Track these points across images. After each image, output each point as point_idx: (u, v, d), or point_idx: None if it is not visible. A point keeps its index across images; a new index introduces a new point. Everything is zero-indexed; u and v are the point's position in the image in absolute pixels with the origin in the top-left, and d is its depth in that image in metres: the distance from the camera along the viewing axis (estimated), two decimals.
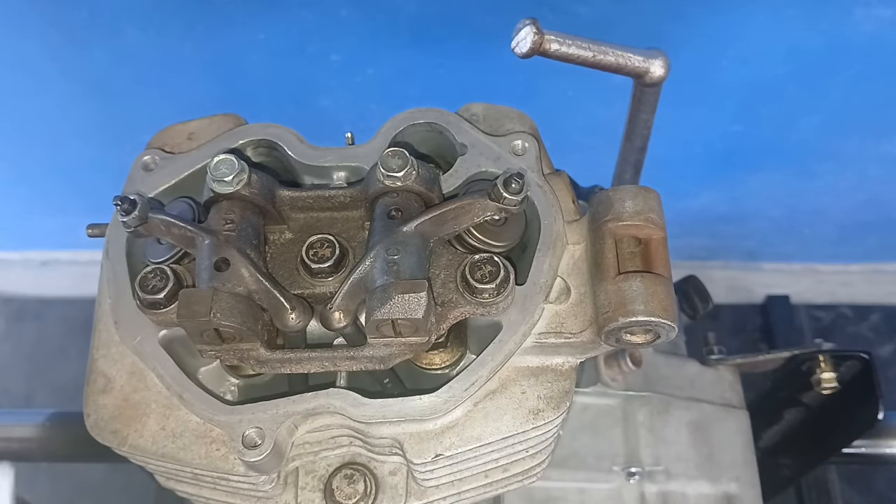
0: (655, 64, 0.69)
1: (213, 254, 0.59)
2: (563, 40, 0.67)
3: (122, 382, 0.63)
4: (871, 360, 1.00)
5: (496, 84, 1.37)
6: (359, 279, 0.59)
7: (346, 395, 0.60)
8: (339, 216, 0.66)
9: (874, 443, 1.07)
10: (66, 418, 1.19)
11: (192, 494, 0.69)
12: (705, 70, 1.37)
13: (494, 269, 0.59)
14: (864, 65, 1.38)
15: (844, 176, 1.69)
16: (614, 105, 0.87)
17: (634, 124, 0.79)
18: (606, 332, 0.59)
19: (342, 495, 0.64)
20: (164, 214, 0.61)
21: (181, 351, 0.65)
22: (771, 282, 2.08)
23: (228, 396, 0.69)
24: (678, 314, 0.63)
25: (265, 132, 0.69)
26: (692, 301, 1.09)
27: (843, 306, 2.13)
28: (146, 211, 0.60)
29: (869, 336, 2.10)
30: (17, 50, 1.39)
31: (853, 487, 1.85)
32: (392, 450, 0.64)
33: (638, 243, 0.61)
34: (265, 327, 0.60)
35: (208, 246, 0.59)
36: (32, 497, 1.33)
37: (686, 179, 1.71)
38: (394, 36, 1.34)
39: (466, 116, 0.70)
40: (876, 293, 2.09)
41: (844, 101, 1.47)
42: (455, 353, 0.68)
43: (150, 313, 0.61)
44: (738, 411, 1.00)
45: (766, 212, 1.84)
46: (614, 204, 0.62)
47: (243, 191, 0.61)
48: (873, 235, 1.91)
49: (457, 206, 0.60)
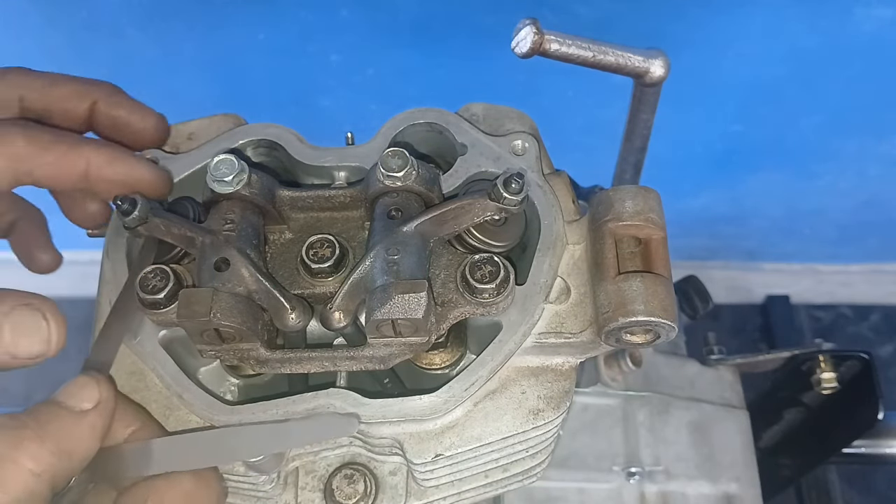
0: (655, 64, 0.69)
1: (213, 254, 0.59)
2: (563, 40, 0.67)
3: (122, 382, 0.63)
4: (871, 360, 1.00)
5: (496, 84, 1.37)
6: (359, 279, 0.59)
7: (346, 395, 0.60)
8: (339, 216, 0.66)
9: (874, 443, 1.07)
10: None
11: None
12: (705, 70, 1.37)
13: (494, 269, 0.59)
14: (864, 65, 1.38)
15: (844, 176, 1.69)
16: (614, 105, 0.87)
17: (634, 124, 0.79)
18: (606, 332, 0.59)
19: (342, 495, 0.64)
20: (163, 214, 0.61)
21: (181, 351, 0.65)
22: (771, 282, 2.08)
23: (228, 396, 0.69)
24: (678, 314, 0.63)
25: (265, 132, 0.69)
26: (692, 301, 1.09)
27: (843, 306, 2.13)
28: (146, 211, 0.60)
29: (869, 336, 2.10)
30: (17, 50, 1.39)
31: (853, 487, 1.85)
32: (392, 450, 0.64)
33: (638, 243, 0.61)
34: (265, 327, 0.60)
35: (208, 246, 0.59)
36: None
37: (686, 179, 1.71)
38: (394, 36, 1.34)
39: (466, 116, 0.70)
40: (876, 293, 2.09)
41: (844, 101, 1.47)
42: (455, 353, 0.68)
43: (150, 313, 0.61)
44: (738, 411, 1.00)
45: (766, 212, 1.84)
46: (614, 204, 0.62)
47: (243, 191, 0.61)
48: (873, 235, 1.91)
49: (457, 206, 0.60)
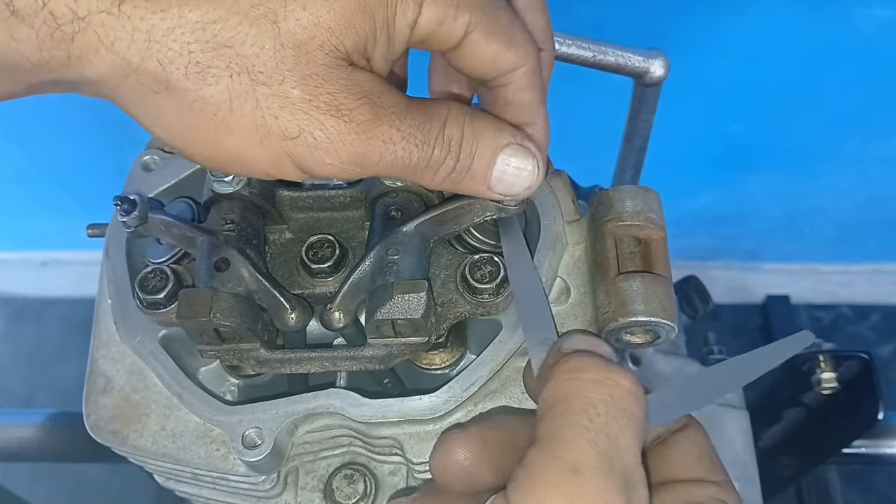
0: (655, 64, 0.69)
1: (212, 254, 0.59)
2: (563, 40, 0.67)
3: (122, 382, 0.63)
4: (871, 360, 1.00)
5: None
6: (359, 279, 0.59)
7: (345, 395, 0.60)
8: (339, 216, 0.66)
9: (874, 443, 1.07)
10: (66, 418, 1.19)
11: (191, 494, 0.69)
12: (705, 70, 1.37)
13: (494, 269, 0.59)
14: (864, 65, 1.38)
15: (844, 176, 1.69)
16: (614, 105, 0.87)
17: (634, 124, 0.79)
18: (606, 333, 0.59)
19: (342, 495, 0.64)
20: (163, 214, 0.61)
21: (181, 351, 0.65)
22: (771, 282, 2.08)
23: (228, 396, 0.69)
24: (678, 314, 0.63)
25: None
26: (692, 301, 1.10)
27: (843, 306, 2.13)
28: (146, 211, 0.60)
29: (869, 336, 2.10)
30: None
31: (853, 487, 1.85)
32: (392, 450, 0.64)
33: (638, 243, 0.61)
34: (265, 327, 0.60)
35: (208, 246, 0.59)
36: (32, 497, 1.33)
37: (686, 179, 1.71)
38: None
39: None
40: (876, 293, 2.09)
41: (844, 101, 1.47)
42: (455, 353, 0.68)
43: (150, 313, 0.61)
44: (738, 411, 1.00)
45: (766, 212, 1.84)
46: (614, 204, 0.62)
47: (243, 191, 0.61)
48: (873, 235, 1.91)
49: (457, 206, 0.60)
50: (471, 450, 0.48)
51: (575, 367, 0.45)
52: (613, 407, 0.43)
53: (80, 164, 1.73)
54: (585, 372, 0.45)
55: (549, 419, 0.43)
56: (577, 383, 0.44)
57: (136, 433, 0.62)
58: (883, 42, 1.32)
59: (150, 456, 0.62)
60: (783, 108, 1.50)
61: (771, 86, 1.44)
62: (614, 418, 0.43)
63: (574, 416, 0.42)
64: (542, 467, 0.41)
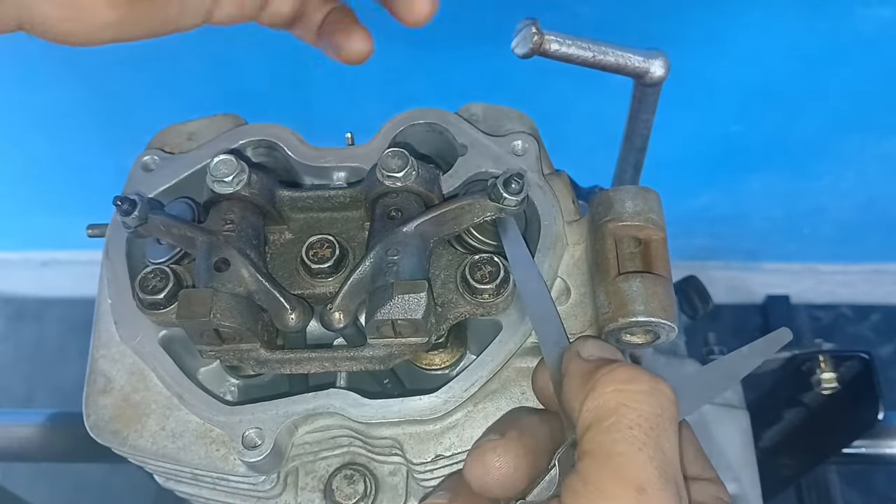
0: (655, 64, 0.69)
1: (212, 254, 0.59)
2: (563, 40, 0.67)
3: (122, 382, 0.63)
4: (871, 360, 1.00)
5: (496, 84, 1.37)
6: (359, 279, 0.59)
7: (345, 395, 0.60)
8: (339, 216, 0.66)
9: (874, 443, 1.07)
10: (66, 418, 1.20)
11: (191, 494, 0.69)
12: (705, 70, 1.37)
13: (494, 269, 0.59)
14: (864, 65, 1.38)
15: (844, 176, 1.69)
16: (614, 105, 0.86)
17: (634, 124, 0.79)
18: (606, 333, 0.59)
19: (342, 495, 0.64)
20: (163, 214, 0.61)
21: (181, 351, 0.65)
22: (771, 282, 2.08)
23: (228, 396, 0.69)
24: (678, 314, 0.63)
25: (265, 132, 0.69)
26: (692, 301, 1.10)
27: (843, 306, 2.13)
28: (146, 211, 0.60)
29: (869, 336, 2.10)
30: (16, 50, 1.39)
31: (853, 487, 1.85)
32: (392, 450, 0.64)
33: (638, 243, 0.61)
34: (265, 327, 0.60)
35: (208, 246, 0.59)
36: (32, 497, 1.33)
37: (686, 179, 1.71)
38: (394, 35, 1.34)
39: (466, 116, 0.70)
40: (876, 293, 2.09)
41: (844, 101, 1.47)
42: (455, 354, 0.68)
43: (150, 313, 0.61)
44: (738, 411, 1.00)
45: (766, 212, 1.84)
46: (614, 204, 0.61)
47: (243, 191, 0.61)
48: (873, 235, 1.91)
49: (457, 207, 0.60)
50: (514, 457, 0.48)
51: (622, 378, 0.45)
52: (663, 419, 0.44)
53: (80, 164, 1.73)
54: (634, 383, 0.45)
55: (600, 432, 0.44)
56: (627, 395, 0.45)
57: (136, 433, 0.62)
58: (883, 42, 1.32)
59: (149, 456, 0.62)
60: (783, 108, 1.50)
61: (771, 86, 1.44)
62: (664, 430, 0.44)
63: (628, 430, 0.43)
64: (608, 485, 0.42)
